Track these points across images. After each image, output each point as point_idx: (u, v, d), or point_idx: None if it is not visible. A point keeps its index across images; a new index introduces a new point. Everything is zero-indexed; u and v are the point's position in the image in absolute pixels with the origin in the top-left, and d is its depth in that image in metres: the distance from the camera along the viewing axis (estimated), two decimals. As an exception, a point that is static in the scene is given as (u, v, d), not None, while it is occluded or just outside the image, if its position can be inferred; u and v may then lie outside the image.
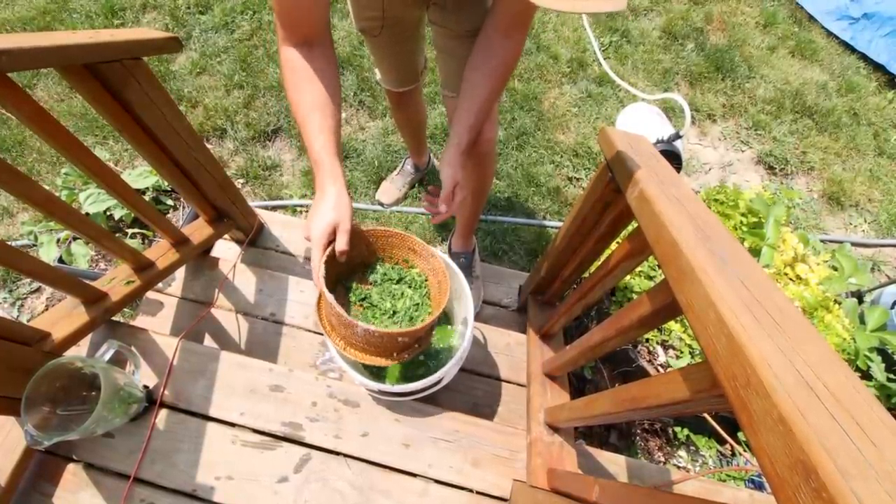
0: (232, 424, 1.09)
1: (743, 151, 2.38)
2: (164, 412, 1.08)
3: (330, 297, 0.77)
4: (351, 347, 0.87)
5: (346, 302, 0.93)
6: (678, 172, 1.26)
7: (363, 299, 0.93)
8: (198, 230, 1.35)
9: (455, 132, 0.91)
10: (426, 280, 0.98)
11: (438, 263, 0.92)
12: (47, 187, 0.89)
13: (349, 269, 0.96)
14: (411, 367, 1.19)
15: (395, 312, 0.92)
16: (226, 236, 1.55)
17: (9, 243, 0.85)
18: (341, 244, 0.79)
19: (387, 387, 1.00)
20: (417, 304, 0.94)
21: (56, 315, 1.04)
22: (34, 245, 1.56)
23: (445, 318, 1.27)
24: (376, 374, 1.16)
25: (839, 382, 0.34)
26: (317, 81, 0.81)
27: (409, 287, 0.96)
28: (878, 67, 2.67)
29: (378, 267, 0.97)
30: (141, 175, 1.64)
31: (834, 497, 0.26)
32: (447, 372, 0.99)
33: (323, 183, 0.80)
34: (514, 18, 0.84)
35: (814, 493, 0.27)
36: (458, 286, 1.09)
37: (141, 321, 1.38)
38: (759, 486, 1.42)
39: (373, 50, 1.31)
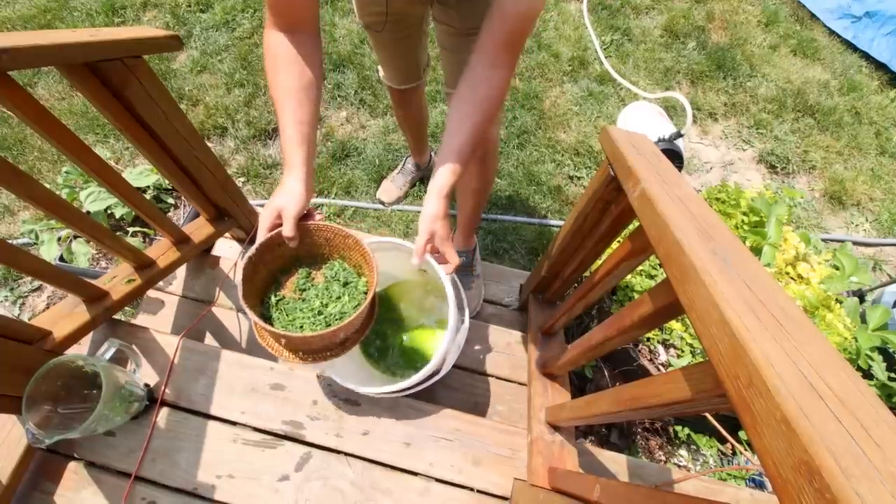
0: (233, 423, 1.09)
1: (744, 150, 2.37)
2: (165, 411, 1.09)
3: (239, 280, 0.82)
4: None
5: (288, 284, 0.95)
6: (679, 171, 1.26)
7: (303, 290, 0.94)
8: (198, 229, 1.35)
9: (438, 173, 0.82)
10: (365, 295, 0.93)
11: (374, 281, 0.89)
12: (48, 186, 0.89)
13: (312, 256, 0.96)
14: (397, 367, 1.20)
15: (319, 313, 0.90)
16: (226, 235, 1.55)
17: (10, 242, 0.85)
18: (287, 230, 0.83)
19: (367, 390, 0.98)
20: (343, 313, 0.90)
21: (57, 313, 1.04)
22: (35, 243, 1.56)
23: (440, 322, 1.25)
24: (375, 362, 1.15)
25: (843, 383, 0.34)
26: (296, 68, 0.81)
27: (348, 296, 0.93)
28: (880, 66, 2.66)
29: (336, 264, 0.97)
30: (142, 174, 1.64)
31: (837, 498, 0.26)
32: (446, 360, 0.98)
33: (284, 171, 0.84)
34: (500, 46, 0.79)
35: (817, 493, 0.27)
36: (439, 283, 1.06)
37: (142, 320, 1.39)
38: (759, 486, 1.42)
39: (376, 46, 1.31)
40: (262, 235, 0.84)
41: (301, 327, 0.88)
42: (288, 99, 0.81)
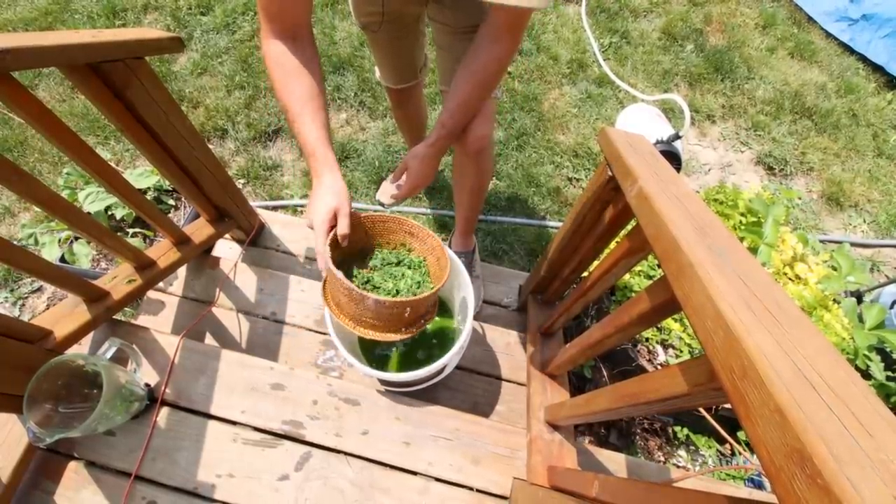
0: (233, 422, 1.09)
1: (742, 152, 2.38)
2: (165, 410, 1.09)
3: (339, 273, 0.80)
4: (360, 326, 0.89)
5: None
6: (678, 173, 1.27)
7: (366, 283, 0.96)
8: (199, 230, 1.36)
9: (434, 132, 0.94)
10: (424, 261, 1.01)
11: (436, 242, 0.95)
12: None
13: (349, 256, 0.99)
14: (413, 358, 1.20)
15: (398, 292, 0.95)
16: (227, 236, 1.55)
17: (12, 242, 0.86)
18: (343, 227, 0.83)
19: (391, 375, 1.00)
20: (419, 282, 0.97)
21: (58, 313, 1.04)
22: (35, 246, 1.56)
23: (446, 310, 1.28)
24: (379, 365, 1.17)
25: (835, 374, 0.35)
26: (304, 75, 0.83)
27: (409, 268, 0.99)
28: (877, 68, 2.67)
29: (377, 253, 1.01)
30: (142, 175, 1.65)
31: (829, 483, 0.26)
32: (450, 360, 1.00)
33: (320, 172, 0.83)
34: (503, 27, 0.84)
35: (809, 479, 0.28)
36: (458, 277, 1.10)
37: (142, 320, 1.39)
38: (758, 486, 1.43)
39: (373, 46, 1.32)
40: (324, 238, 0.82)
41: None
42: (306, 105, 0.83)
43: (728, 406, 0.77)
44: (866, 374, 1.35)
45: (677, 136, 1.54)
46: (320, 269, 0.83)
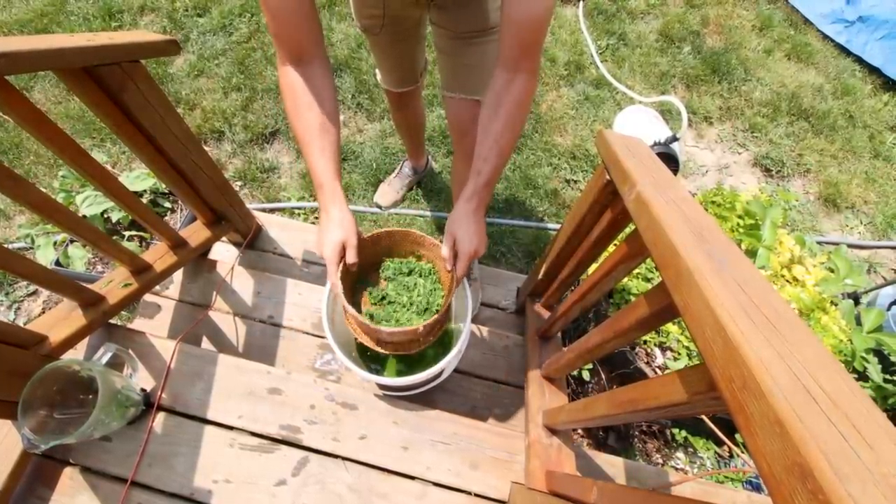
0: (230, 427, 1.09)
1: (739, 154, 2.39)
2: (161, 415, 1.08)
3: (352, 309, 0.85)
4: (380, 346, 0.95)
5: (363, 302, 1.01)
6: (675, 175, 1.27)
7: (382, 299, 1.01)
8: (195, 233, 1.35)
9: (470, 184, 0.88)
10: (434, 266, 1.04)
11: (440, 253, 0.98)
12: (45, 190, 0.88)
13: (363, 273, 1.04)
14: (410, 361, 1.20)
15: (412, 303, 0.99)
16: (224, 239, 1.55)
17: (5, 245, 0.85)
18: (351, 258, 0.87)
19: (389, 379, 1.01)
20: (431, 290, 1.01)
21: (53, 318, 1.03)
22: (31, 248, 1.56)
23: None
24: (378, 370, 1.17)
25: (836, 385, 0.34)
26: (313, 104, 0.83)
27: (420, 276, 1.03)
28: (874, 70, 2.68)
29: (388, 263, 1.05)
30: (138, 178, 1.64)
31: (830, 499, 0.26)
32: (448, 364, 1.00)
33: (326, 205, 0.86)
34: (517, 52, 0.80)
35: (810, 495, 0.28)
36: None
37: (138, 324, 1.38)
38: (756, 488, 1.43)
39: (373, 49, 1.32)
40: (336, 270, 0.87)
41: (409, 321, 0.97)
42: (315, 135, 0.84)
43: (726, 411, 0.76)
44: (863, 377, 1.35)
45: (674, 138, 1.54)
46: (338, 301, 0.88)
